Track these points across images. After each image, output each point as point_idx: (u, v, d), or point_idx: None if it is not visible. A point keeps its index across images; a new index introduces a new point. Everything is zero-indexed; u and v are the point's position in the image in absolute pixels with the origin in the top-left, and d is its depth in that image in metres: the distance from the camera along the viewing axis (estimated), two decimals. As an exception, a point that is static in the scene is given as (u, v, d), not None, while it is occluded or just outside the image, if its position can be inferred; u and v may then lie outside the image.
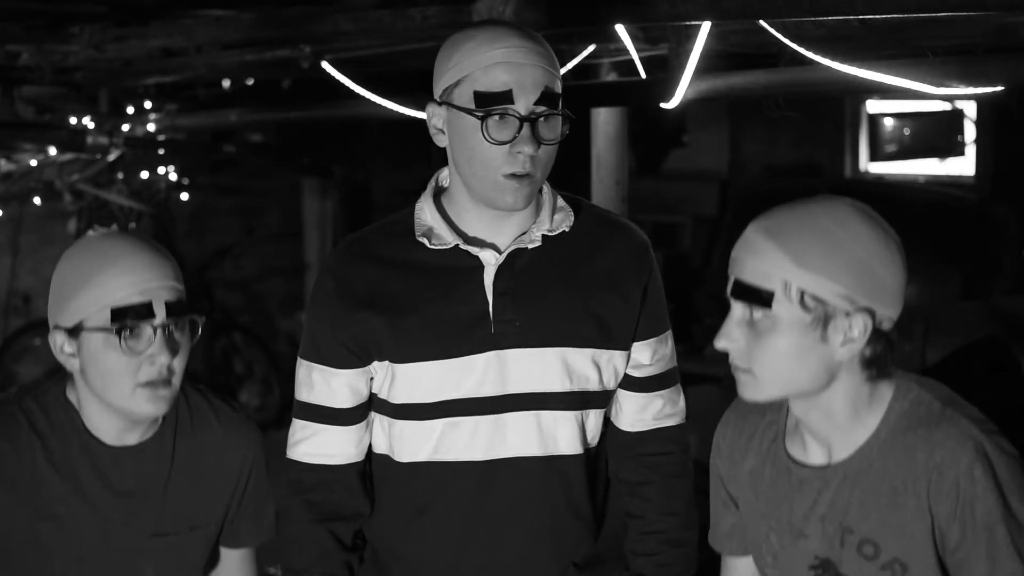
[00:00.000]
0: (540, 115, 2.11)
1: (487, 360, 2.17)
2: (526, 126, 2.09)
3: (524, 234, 2.21)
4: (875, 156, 8.92)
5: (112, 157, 6.75)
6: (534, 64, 2.11)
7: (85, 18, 5.17)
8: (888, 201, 3.38)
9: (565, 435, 2.22)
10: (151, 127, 6.76)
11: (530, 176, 2.12)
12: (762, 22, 3.50)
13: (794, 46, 3.60)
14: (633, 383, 2.30)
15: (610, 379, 2.26)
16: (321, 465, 2.26)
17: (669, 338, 2.34)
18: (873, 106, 8.85)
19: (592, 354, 2.21)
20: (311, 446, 2.27)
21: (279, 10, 4.70)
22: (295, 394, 2.30)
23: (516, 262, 2.20)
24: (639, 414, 2.32)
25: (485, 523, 2.23)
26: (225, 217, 8.48)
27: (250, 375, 7.89)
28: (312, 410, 2.26)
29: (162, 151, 7.08)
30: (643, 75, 4.20)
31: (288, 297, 8.69)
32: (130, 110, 6.70)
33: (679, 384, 2.38)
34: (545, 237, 2.21)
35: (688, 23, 3.65)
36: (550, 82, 2.12)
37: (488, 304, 2.18)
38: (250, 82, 6.54)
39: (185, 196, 7.58)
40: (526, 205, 2.16)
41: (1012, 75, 3.54)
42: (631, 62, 4.21)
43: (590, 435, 2.27)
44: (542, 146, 2.12)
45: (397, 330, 2.17)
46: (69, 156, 6.65)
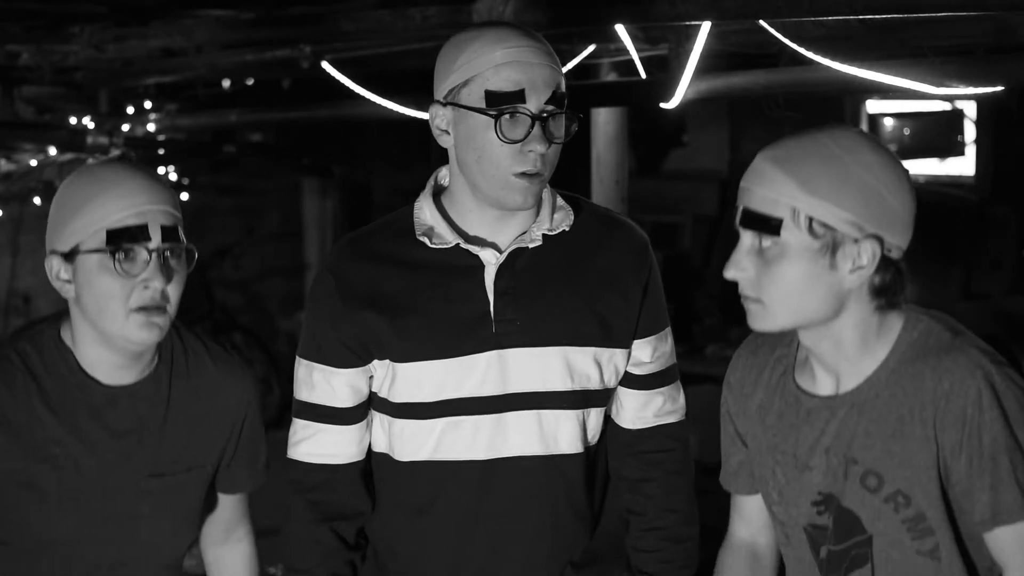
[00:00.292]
0: (551, 114, 2.11)
1: (488, 359, 2.17)
2: (537, 125, 2.10)
3: (524, 233, 2.21)
4: (875, 156, 8.90)
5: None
6: (543, 63, 2.12)
7: (85, 18, 5.18)
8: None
9: (566, 434, 2.22)
10: (151, 127, 6.76)
11: (540, 175, 2.13)
12: (762, 22, 3.50)
13: (794, 46, 3.60)
14: (634, 381, 2.30)
15: (611, 377, 2.26)
16: (323, 464, 2.26)
17: (669, 335, 2.34)
18: (873, 106, 8.85)
19: (593, 353, 2.21)
20: (312, 446, 2.27)
21: (279, 10, 4.71)
22: (295, 393, 2.29)
23: (517, 261, 2.20)
24: (640, 411, 2.32)
25: (485, 522, 2.22)
26: (225, 217, 8.47)
27: (250, 375, 7.88)
28: (313, 409, 2.26)
29: (162, 151, 7.08)
30: (643, 75, 4.21)
31: (288, 297, 8.68)
32: (130, 110, 6.70)
33: (679, 381, 2.38)
34: (545, 236, 2.21)
35: (688, 23, 3.65)
36: (559, 81, 2.13)
37: (489, 303, 2.18)
38: (250, 82, 6.55)
39: (185, 196, 7.56)
40: (534, 204, 2.17)
41: (1012, 75, 3.54)
42: (631, 62, 4.22)
43: (591, 434, 2.27)
44: (552, 145, 2.13)
45: (398, 329, 2.17)
46: (69, 156, 6.64)
